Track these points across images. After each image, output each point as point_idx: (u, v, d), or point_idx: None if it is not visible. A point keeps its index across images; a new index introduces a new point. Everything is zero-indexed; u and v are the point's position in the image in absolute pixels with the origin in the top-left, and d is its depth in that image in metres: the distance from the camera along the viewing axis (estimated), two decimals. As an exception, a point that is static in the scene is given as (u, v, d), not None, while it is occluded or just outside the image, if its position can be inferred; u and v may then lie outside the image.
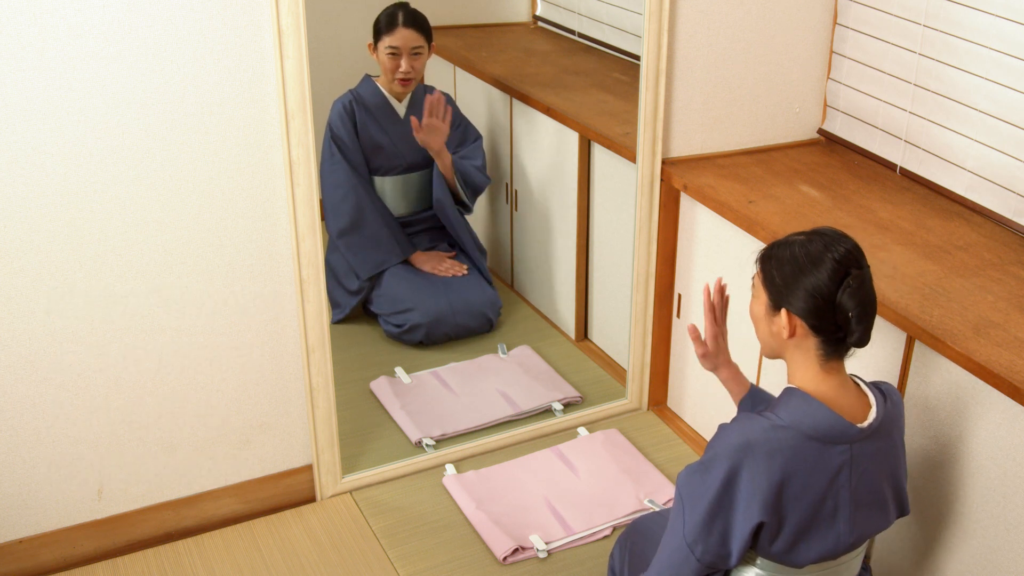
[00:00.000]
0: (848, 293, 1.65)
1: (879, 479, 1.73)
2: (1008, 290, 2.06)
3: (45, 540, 2.31)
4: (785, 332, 1.71)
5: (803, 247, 1.69)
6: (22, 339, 2.14)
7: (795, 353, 1.73)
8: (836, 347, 1.70)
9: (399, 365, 3.08)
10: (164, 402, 2.32)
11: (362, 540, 2.42)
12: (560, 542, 2.40)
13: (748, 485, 1.65)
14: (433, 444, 2.71)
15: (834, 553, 1.72)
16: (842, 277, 1.65)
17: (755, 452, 1.65)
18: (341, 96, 3.22)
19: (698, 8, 2.54)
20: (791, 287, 1.68)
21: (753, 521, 1.66)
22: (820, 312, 1.66)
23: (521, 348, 3.19)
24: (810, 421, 1.66)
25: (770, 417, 1.68)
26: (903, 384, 2.05)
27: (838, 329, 1.68)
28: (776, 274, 1.71)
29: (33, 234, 2.07)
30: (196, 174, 2.17)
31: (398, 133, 3.25)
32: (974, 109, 2.38)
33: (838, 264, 1.66)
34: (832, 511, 1.69)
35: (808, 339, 1.70)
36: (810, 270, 1.66)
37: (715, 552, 1.70)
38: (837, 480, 1.68)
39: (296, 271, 2.31)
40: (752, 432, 1.67)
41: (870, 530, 1.76)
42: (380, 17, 3.16)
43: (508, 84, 3.32)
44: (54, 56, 1.97)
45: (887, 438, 1.74)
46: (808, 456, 1.66)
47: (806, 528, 1.69)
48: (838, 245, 1.68)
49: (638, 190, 2.66)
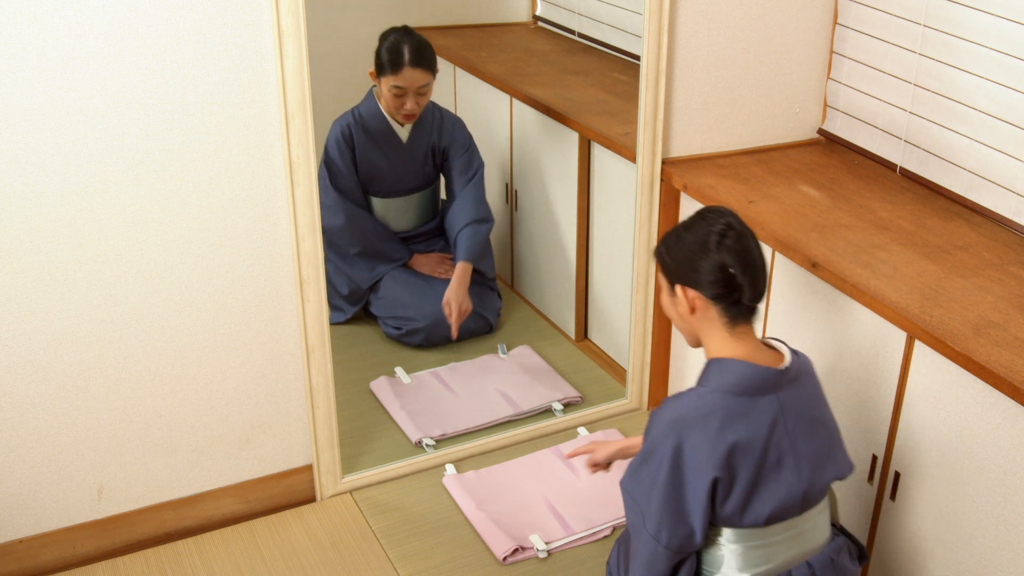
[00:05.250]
0: (726, 252, 1.76)
1: (813, 425, 1.82)
2: (1008, 290, 2.06)
3: (45, 540, 2.31)
4: (686, 307, 1.82)
5: (685, 227, 1.83)
6: (22, 339, 2.14)
7: (704, 327, 1.83)
8: (736, 309, 1.80)
9: (399, 365, 3.08)
10: (164, 402, 2.32)
11: (362, 540, 2.42)
12: (560, 542, 2.40)
13: (692, 455, 1.73)
14: (433, 444, 2.71)
15: (790, 503, 1.78)
16: (719, 238, 1.77)
17: (689, 422, 1.74)
18: (341, 117, 3.12)
19: (698, 8, 2.54)
20: (679, 263, 1.81)
21: (707, 483, 1.72)
22: (705, 277, 1.78)
23: (521, 348, 3.19)
24: (732, 378, 1.76)
25: (695, 389, 1.79)
26: (903, 384, 2.05)
27: (730, 291, 1.77)
28: (667, 257, 1.84)
29: (33, 234, 2.08)
30: (196, 174, 2.17)
31: (399, 159, 3.18)
32: (974, 109, 2.38)
33: (711, 227, 1.78)
34: (777, 461, 1.76)
35: (709, 309, 1.80)
36: (691, 242, 1.80)
37: (680, 534, 1.76)
38: (775, 431, 1.76)
39: (296, 271, 2.31)
40: (681, 406, 1.77)
41: (820, 477, 1.82)
42: (383, 51, 3.00)
43: (508, 84, 3.32)
44: (54, 56, 1.97)
45: (808, 387, 1.83)
46: (740, 411, 1.75)
47: (756, 482, 1.76)
48: (711, 214, 1.82)
49: (638, 190, 2.66)
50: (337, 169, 3.10)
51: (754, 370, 1.76)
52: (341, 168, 3.10)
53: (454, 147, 3.22)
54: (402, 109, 3.05)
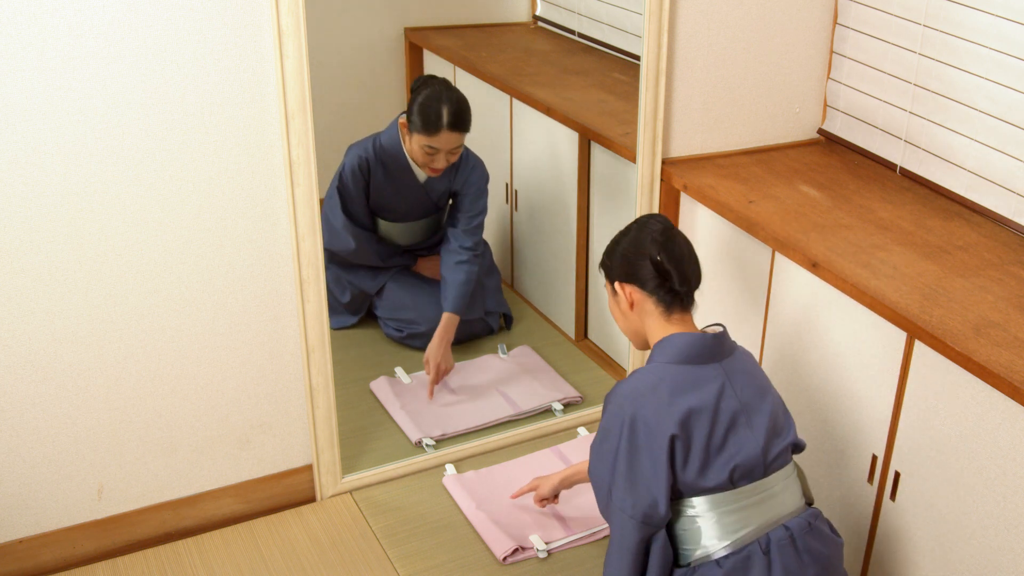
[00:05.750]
0: (652, 242, 1.94)
1: (760, 392, 1.92)
2: (1008, 290, 2.06)
3: (45, 540, 2.31)
4: (626, 302, 1.97)
5: (621, 232, 2.02)
6: (22, 339, 2.14)
7: (646, 321, 1.97)
8: (671, 297, 1.94)
9: (399, 365, 3.08)
10: (164, 402, 2.32)
11: (362, 540, 2.42)
12: (560, 542, 2.40)
13: (646, 422, 1.82)
14: (433, 444, 2.71)
15: (751, 460, 1.85)
16: (649, 234, 1.95)
17: (640, 393, 1.85)
18: (360, 144, 2.99)
19: (698, 8, 2.54)
20: (615, 261, 1.99)
21: (664, 444, 1.80)
22: (638, 270, 1.94)
23: (521, 348, 3.19)
24: (674, 350, 1.89)
25: (643, 367, 1.92)
26: (903, 384, 2.05)
27: (663, 279, 1.93)
28: (608, 261, 2.02)
29: (33, 234, 2.08)
30: (196, 174, 2.17)
31: (415, 198, 3.08)
32: (974, 109, 2.38)
33: (642, 227, 1.98)
34: (730, 421, 1.85)
35: (647, 302, 1.95)
36: (625, 241, 1.99)
37: (644, 503, 1.81)
38: (724, 394, 1.87)
39: (296, 271, 2.31)
40: (631, 382, 1.88)
41: (777, 437, 1.89)
42: (420, 110, 2.81)
43: (508, 84, 3.31)
44: (54, 56, 1.97)
45: (747, 361, 1.95)
46: (687, 378, 1.86)
47: (712, 442, 1.83)
48: (644, 217, 2.02)
49: (638, 190, 2.66)
50: (349, 196, 3.04)
51: (692, 338, 1.89)
52: (354, 196, 3.03)
53: (467, 188, 3.09)
54: (431, 164, 2.90)
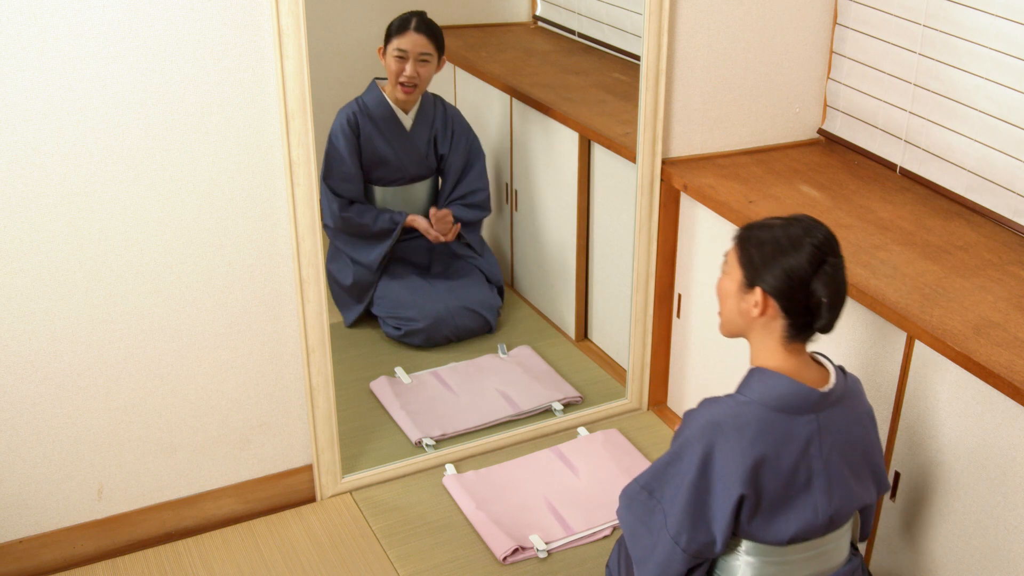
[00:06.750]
0: (823, 280, 1.70)
1: (850, 450, 1.77)
2: (1008, 290, 2.06)
3: (45, 540, 2.31)
4: (756, 311, 1.74)
5: (783, 229, 1.74)
6: (22, 339, 2.14)
7: (760, 333, 1.77)
8: (802, 331, 1.75)
9: (399, 365, 3.08)
10: (164, 402, 2.32)
11: (362, 540, 2.42)
12: (560, 542, 2.40)
13: (723, 463, 1.69)
14: (433, 444, 2.71)
15: (814, 526, 1.75)
16: (819, 263, 1.70)
17: (724, 429, 1.69)
18: (346, 105, 3.18)
19: (698, 8, 2.54)
20: (769, 266, 1.72)
21: (733, 497, 1.69)
22: (793, 294, 1.71)
23: (521, 348, 3.19)
24: (774, 393, 1.72)
25: (735, 396, 1.74)
26: (903, 384, 2.05)
27: (807, 313, 1.72)
28: (755, 253, 1.75)
29: (33, 234, 2.07)
30: (196, 174, 2.17)
31: (403, 147, 3.22)
32: (974, 109, 2.38)
33: (816, 250, 1.70)
34: (806, 481, 1.73)
35: (776, 320, 1.74)
36: (790, 252, 1.71)
37: (700, 540, 1.73)
38: (808, 451, 1.72)
39: (296, 271, 2.31)
40: (718, 412, 1.72)
41: (849, 503, 1.79)
42: (393, 20, 3.12)
43: (508, 84, 3.32)
44: (54, 56, 1.97)
45: (852, 410, 1.78)
46: (776, 427, 1.71)
47: (783, 499, 1.72)
48: (816, 231, 1.73)
49: (638, 190, 2.66)
50: (339, 158, 3.13)
51: (798, 388, 1.72)
52: (344, 156, 3.13)
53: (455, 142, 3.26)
54: (401, 75, 3.10)
